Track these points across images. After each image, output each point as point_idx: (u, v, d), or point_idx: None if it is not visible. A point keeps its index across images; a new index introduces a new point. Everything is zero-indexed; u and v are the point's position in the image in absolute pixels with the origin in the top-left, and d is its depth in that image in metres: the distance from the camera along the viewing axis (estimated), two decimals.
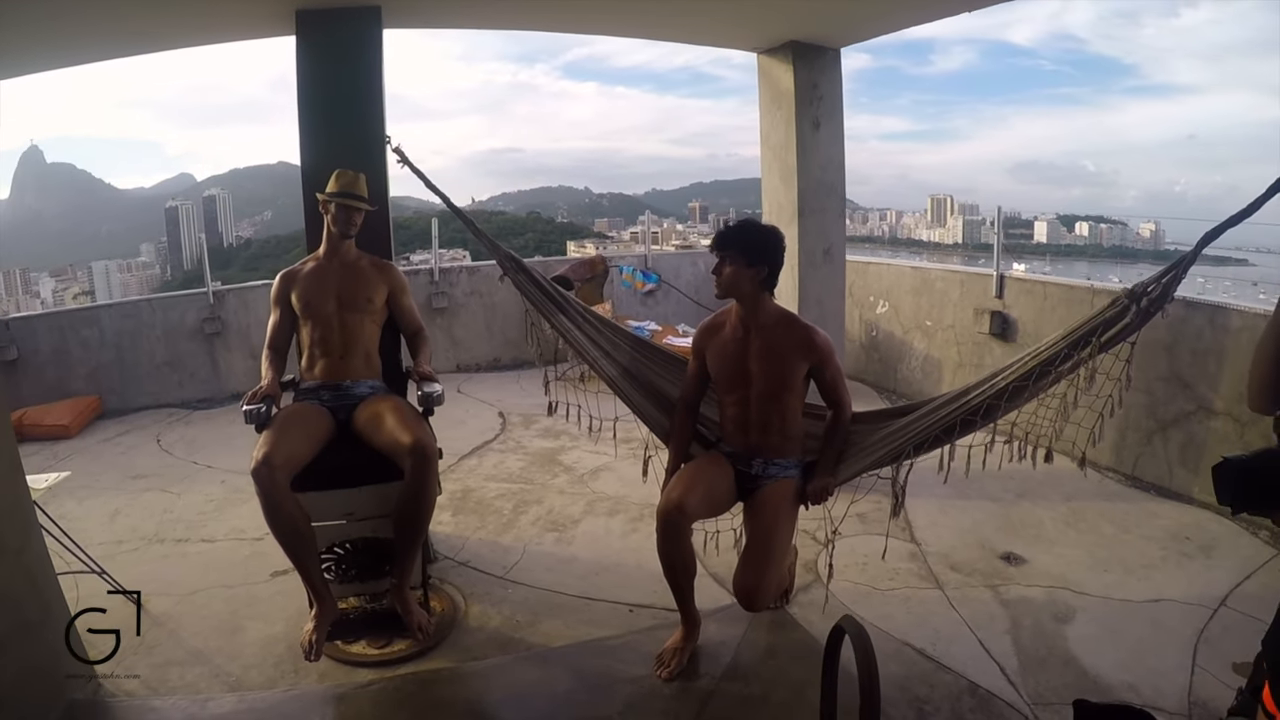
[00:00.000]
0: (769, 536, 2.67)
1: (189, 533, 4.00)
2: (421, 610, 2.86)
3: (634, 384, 3.18)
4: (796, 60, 4.33)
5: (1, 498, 2.43)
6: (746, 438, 2.87)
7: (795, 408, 2.88)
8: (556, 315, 3.16)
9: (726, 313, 2.92)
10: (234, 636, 3.02)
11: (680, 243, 42.31)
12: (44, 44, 3.71)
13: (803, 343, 2.77)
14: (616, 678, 2.71)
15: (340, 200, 3.02)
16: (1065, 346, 2.57)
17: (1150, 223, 73.34)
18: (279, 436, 2.64)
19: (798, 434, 2.92)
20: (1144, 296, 2.45)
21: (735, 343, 2.83)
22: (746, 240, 2.75)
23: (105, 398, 6.31)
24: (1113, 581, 3.38)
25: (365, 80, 3.49)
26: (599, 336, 3.19)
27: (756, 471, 2.86)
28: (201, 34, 4.14)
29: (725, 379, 2.87)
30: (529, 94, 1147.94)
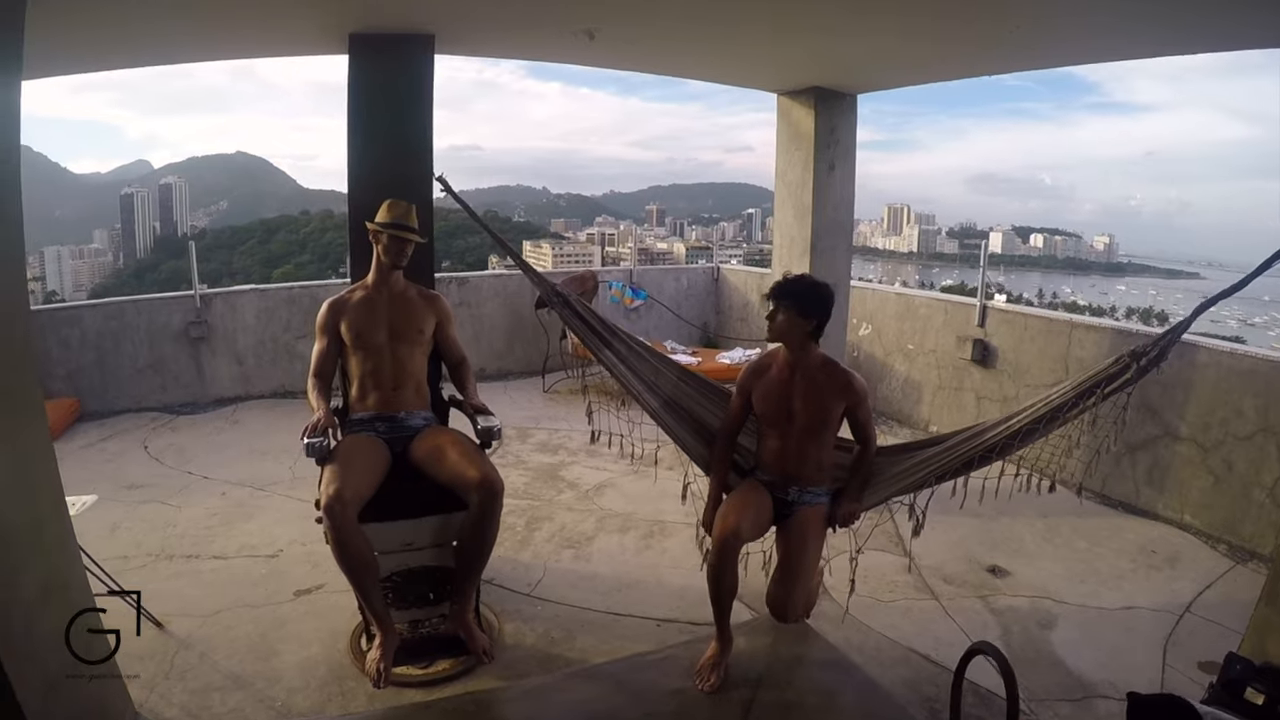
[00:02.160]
0: (801, 555, 2.93)
1: (197, 549, 3.96)
2: (483, 633, 2.96)
3: (676, 415, 3.36)
4: (818, 104, 4.50)
5: (50, 530, 2.41)
6: (784, 467, 3.09)
7: (830, 443, 3.12)
8: (603, 350, 3.31)
9: (773, 355, 3.12)
10: (270, 660, 3.02)
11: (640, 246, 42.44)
12: (101, 47, 3.72)
13: (843, 387, 3.00)
14: (661, 690, 2.85)
15: (394, 231, 3.04)
16: (1074, 396, 2.91)
17: (1105, 236, 75.42)
18: (345, 471, 2.68)
19: (830, 465, 3.16)
20: (1144, 357, 2.83)
21: (781, 384, 3.04)
22: (803, 294, 2.96)
23: (84, 399, 6.19)
24: (1088, 591, 3.69)
25: (416, 107, 3.53)
26: (643, 366, 3.36)
27: (792, 499, 3.08)
28: (254, 48, 4.16)
29: (770, 415, 3.09)
30: (492, 92, 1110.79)
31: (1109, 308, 43.17)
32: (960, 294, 7.32)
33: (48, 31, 2.72)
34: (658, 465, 3.57)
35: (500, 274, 7.84)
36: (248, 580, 3.65)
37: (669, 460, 5.17)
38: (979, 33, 3.36)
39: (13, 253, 2.35)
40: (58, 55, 3.50)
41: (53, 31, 2.80)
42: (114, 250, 66.86)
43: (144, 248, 66.57)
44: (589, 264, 12.25)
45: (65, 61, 3.81)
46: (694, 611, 3.41)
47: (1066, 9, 3.03)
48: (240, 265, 44.70)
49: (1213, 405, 4.36)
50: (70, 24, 2.95)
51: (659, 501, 4.58)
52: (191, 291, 6.62)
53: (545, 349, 7.23)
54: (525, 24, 3.61)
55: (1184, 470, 4.46)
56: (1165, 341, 2.84)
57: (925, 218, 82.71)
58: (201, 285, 6.75)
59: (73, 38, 3.22)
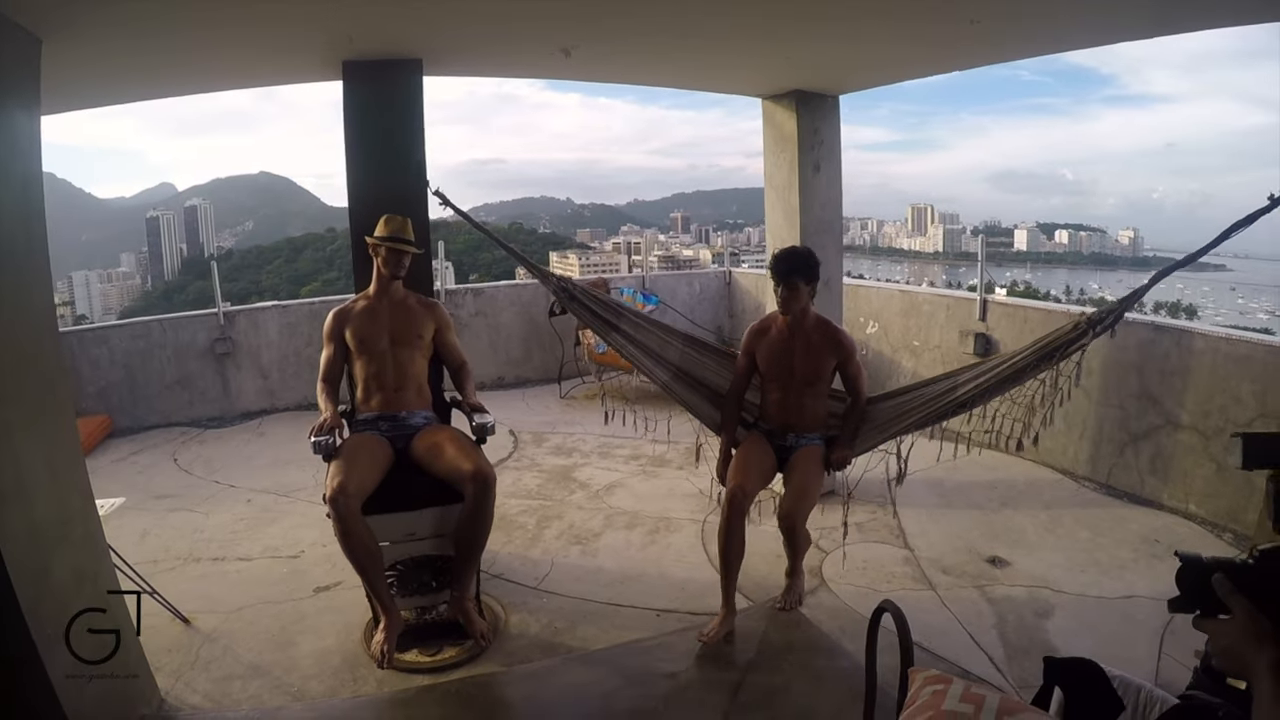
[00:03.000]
0: (803, 481, 3.33)
1: (224, 551, 4.13)
2: (481, 619, 3.16)
3: (685, 383, 3.75)
4: (800, 107, 4.57)
5: (77, 526, 2.59)
6: (785, 418, 3.52)
7: (825, 394, 3.57)
8: (611, 333, 3.69)
9: (771, 318, 3.57)
10: (288, 650, 3.19)
11: (662, 253, 42.51)
12: (110, 83, 3.88)
13: (835, 342, 3.47)
14: (655, 674, 2.98)
15: (390, 244, 3.27)
16: (1035, 358, 3.28)
17: (1129, 229, 74.28)
18: (349, 466, 2.89)
19: (824, 414, 3.59)
20: (1099, 323, 3.22)
21: (782, 343, 3.49)
22: (807, 266, 3.38)
23: (115, 416, 6.40)
24: (1088, 581, 3.70)
25: (408, 127, 3.69)
26: (650, 339, 3.74)
27: (791, 444, 3.50)
28: (253, 78, 4.32)
29: (773, 372, 3.52)
30: (511, 105, 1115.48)
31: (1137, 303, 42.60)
32: (1008, 294, 7.37)
33: (59, 70, 2.91)
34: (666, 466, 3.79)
35: (516, 283, 7.97)
36: (270, 579, 3.81)
37: (678, 461, 5.34)
38: (940, 29, 3.44)
39: (40, 277, 2.57)
40: (69, 92, 3.66)
41: (63, 70, 2.99)
42: (141, 273, 68.05)
43: (171, 270, 67.60)
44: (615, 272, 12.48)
45: (77, 98, 3.96)
46: (694, 602, 3.54)
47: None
48: (268, 284, 45.23)
49: (1211, 392, 4.36)
50: (80, 62, 3.12)
51: (666, 500, 4.74)
52: (215, 309, 6.81)
53: (561, 356, 7.38)
54: (504, 46, 3.77)
55: (1186, 459, 4.44)
56: (1120, 309, 3.19)
57: (949, 217, 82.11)
58: (225, 303, 6.93)
59: (83, 74, 3.39)
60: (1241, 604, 1.10)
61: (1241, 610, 1.10)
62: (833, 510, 4.46)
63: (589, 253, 59.49)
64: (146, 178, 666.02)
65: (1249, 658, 1.07)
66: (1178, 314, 38.06)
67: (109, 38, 3.02)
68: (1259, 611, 1.09)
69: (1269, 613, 1.08)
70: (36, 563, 2.32)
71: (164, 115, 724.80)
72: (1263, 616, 1.08)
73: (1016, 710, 1.17)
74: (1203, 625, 1.16)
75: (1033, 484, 5.01)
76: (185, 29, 3.10)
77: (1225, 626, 1.12)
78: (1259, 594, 1.10)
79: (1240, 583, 1.11)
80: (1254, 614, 1.09)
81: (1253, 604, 1.10)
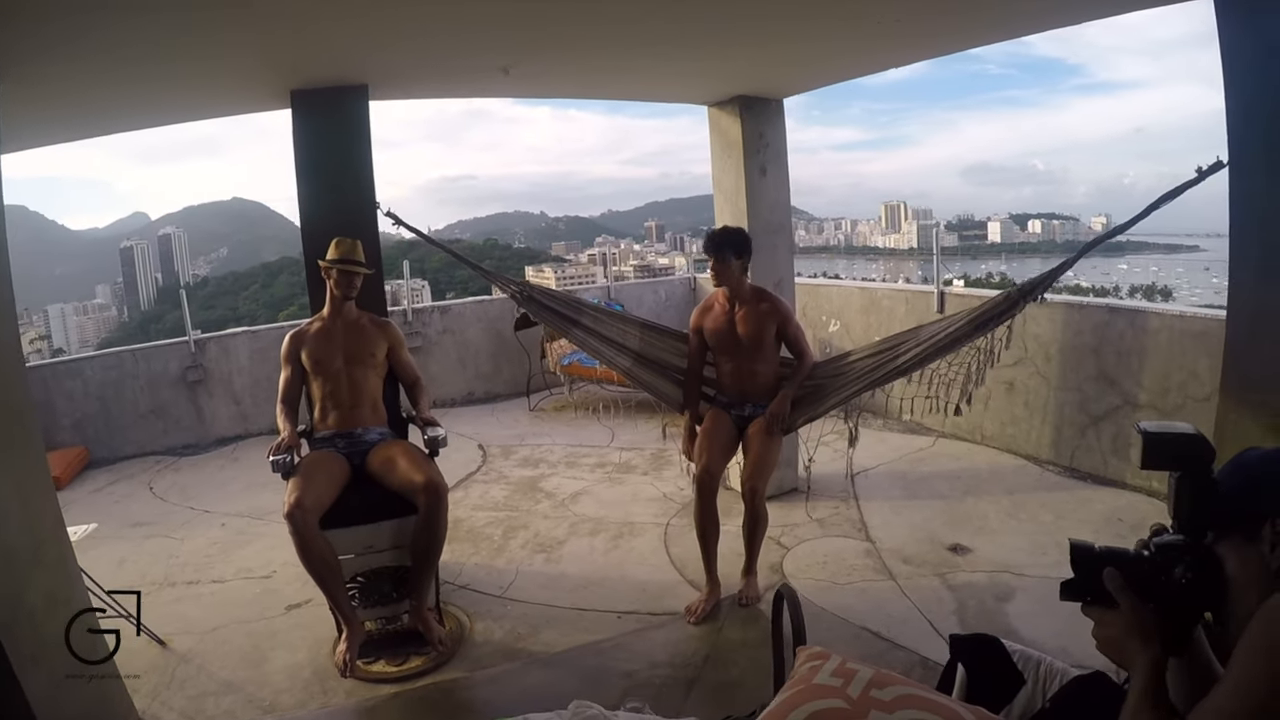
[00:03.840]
0: (762, 450, 3.57)
1: (198, 575, 4.17)
2: (439, 626, 3.26)
3: (646, 367, 4.01)
4: (744, 112, 4.66)
5: (49, 549, 2.65)
6: (740, 386, 3.78)
7: (772, 359, 3.81)
8: (572, 330, 3.92)
9: (714, 296, 3.81)
10: (260, 667, 3.25)
11: (638, 263, 42.53)
12: (50, 122, 3.92)
13: (770, 308, 3.71)
14: (613, 673, 3.06)
15: (341, 266, 3.35)
16: (970, 327, 3.51)
17: (1101, 216, 74.95)
18: (306, 483, 2.98)
19: (776, 381, 3.82)
20: (1029, 292, 3.40)
21: (725, 316, 3.74)
22: (736, 241, 3.65)
23: (91, 448, 6.41)
24: (1050, 563, 3.74)
25: (356, 151, 3.78)
26: (610, 330, 3.98)
27: (748, 413, 3.75)
28: (202, 110, 4.38)
29: (721, 345, 3.78)
30: (482, 120, 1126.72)
31: (1112, 287, 42.91)
32: (965, 285, 7.46)
33: (13, 110, 2.98)
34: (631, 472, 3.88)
35: (482, 299, 8.03)
36: (243, 599, 3.86)
37: (643, 466, 5.44)
38: (866, 29, 3.52)
39: (4, 309, 2.63)
40: (24, 132, 3.73)
41: (17, 109, 3.06)
42: (117, 304, 67.68)
43: (147, 299, 67.25)
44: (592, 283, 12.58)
45: (33, 137, 4.04)
46: (654, 603, 3.61)
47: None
48: (246, 310, 45.02)
49: (1168, 370, 4.45)
50: (33, 100, 3.20)
51: (630, 505, 4.81)
52: (186, 338, 6.84)
53: (529, 369, 7.47)
54: (445, 69, 3.86)
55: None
56: (1047, 278, 3.40)
57: (922, 212, 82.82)
58: (196, 331, 6.96)
59: (38, 114, 3.46)
60: (1129, 600, 1.15)
61: (1128, 606, 1.14)
62: (795, 507, 4.57)
63: (565, 265, 59.66)
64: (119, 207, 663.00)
65: (1130, 651, 1.13)
66: (1153, 296, 38.40)
67: (62, 77, 3.10)
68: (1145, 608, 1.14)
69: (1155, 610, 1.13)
70: (10, 587, 2.38)
71: (133, 144, 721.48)
72: (1148, 613, 1.13)
73: (887, 682, 1.24)
74: (1090, 613, 1.20)
75: (996, 471, 5.11)
76: (134, 66, 3.18)
77: (1111, 618, 1.16)
78: (1147, 591, 1.15)
79: (1130, 577, 1.16)
80: (1139, 610, 1.14)
81: (1139, 600, 1.14)
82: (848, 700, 1.22)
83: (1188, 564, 1.13)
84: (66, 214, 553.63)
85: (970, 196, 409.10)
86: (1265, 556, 1.05)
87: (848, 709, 1.20)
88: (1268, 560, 1.04)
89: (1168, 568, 1.15)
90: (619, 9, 3.01)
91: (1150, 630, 1.12)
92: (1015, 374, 5.29)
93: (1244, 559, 1.08)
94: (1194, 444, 1.17)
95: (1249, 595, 1.05)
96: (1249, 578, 1.06)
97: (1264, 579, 1.04)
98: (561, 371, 6.97)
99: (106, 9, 2.52)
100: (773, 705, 1.28)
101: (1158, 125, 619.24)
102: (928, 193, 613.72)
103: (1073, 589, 1.23)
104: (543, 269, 51.55)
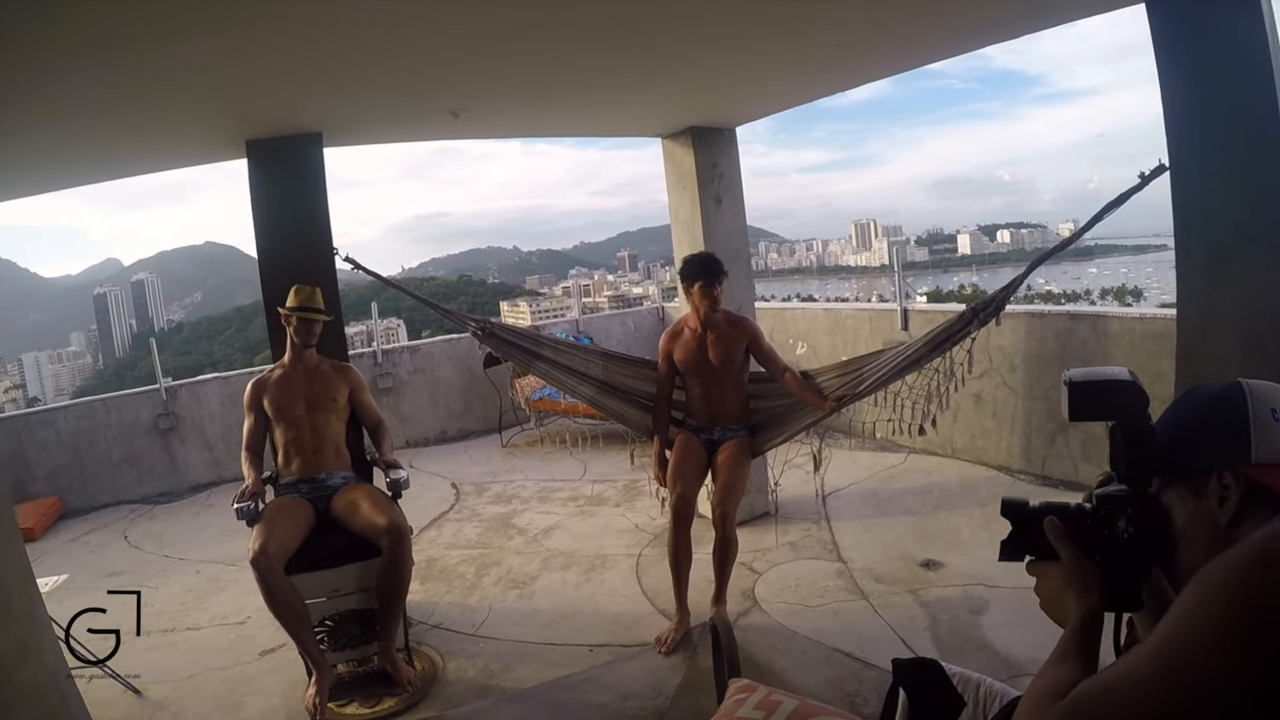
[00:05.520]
0: (732, 474, 3.62)
1: (173, 623, 4.15)
2: (409, 666, 3.27)
3: (611, 394, 4.08)
4: (697, 143, 4.71)
5: (18, 602, 2.62)
6: (709, 411, 3.83)
7: (743, 381, 3.86)
8: (535, 363, 4.00)
9: (683, 320, 3.89)
10: (236, 713, 3.23)
11: (612, 293, 42.62)
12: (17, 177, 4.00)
13: (740, 328, 3.79)
14: (585, 705, 3.07)
15: (300, 314, 3.39)
16: (927, 349, 3.55)
17: (1069, 221, 75.95)
18: (270, 528, 3.00)
19: (744, 405, 3.91)
20: (981, 312, 3.45)
21: (696, 339, 3.79)
22: (720, 268, 3.70)
23: (66, 498, 6.36)
24: (1023, 573, 3.73)
25: (312, 197, 3.82)
26: (573, 361, 4.05)
27: (718, 437, 3.81)
28: (158, 162, 4.41)
29: (691, 368, 3.81)
30: (452, 158, 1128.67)
31: (1083, 292, 43.36)
32: (936, 300, 7.55)
33: None
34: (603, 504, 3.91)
35: (450, 338, 8.05)
36: (218, 646, 3.84)
37: (615, 499, 5.46)
38: (810, 53, 3.59)
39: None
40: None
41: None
42: (92, 351, 67.24)
43: (122, 346, 66.83)
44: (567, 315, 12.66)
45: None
46: (625, 634, 3.62)
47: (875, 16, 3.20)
48: (221, 355, 44.75)
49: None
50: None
51: (602, 537, 4.82)
52: (157, 385, 6.83)
53: (500, 405, 7.50)
54: (396, 113, 3.91)
55: None
56: (999, 298, 3.42)
57: (892, 229, 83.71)
58: (167, 378, 6.94)
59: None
60: (1069, 550, 1.09)
61: (1069, 557, 1.09)
62: (766, 531, 4.60)
63: (539, 299, 59.79)
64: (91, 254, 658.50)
65: (1067, 605, 1.08)
66: (1123, 297, 38.79)
67: (18, 131, 3.13)
68: (1087, 561, 1.08)
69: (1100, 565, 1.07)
70: None
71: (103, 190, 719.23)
72: (1090, 565, 1.08)
73: (813, 713, 1.27)
74: (1033, 569, 1.15)
75: (967, 484, 5.16)
76: (88, 120, 3.22)
77: (1051, 570, 1.11)
78: (1091, 546, 1.09)
79: (1072, 531, 1.10)
80: (1080, 560, 1.08)
81: (1081, 553, 1.09)
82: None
83: (1130, 517, 1.07)
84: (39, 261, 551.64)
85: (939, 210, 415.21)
86: (1214, 512, 0.99)
87: None
88: (1215, 516, 0.99)
89: (1111, 520, 1.08)
90: (565, 39, 3.05)
91: (1090, 581, 1.06)
92: (982, 386, 5.34)
93: (1191, 511, 1.03)
94: (1124, 391, 1.09)
95: (1198, 550, 1.00)
96: (1197, 532, 1.02)
97: (1214, 535, 0.98)
98: (530, 407, 7.02)
99: (56, 65, 2.55)
100: None
101: (1119, 130, 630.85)
102: (897, 209, 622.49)
103: (1012, 547, 1.17)
104: (517, 303, 51.71)
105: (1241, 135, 2.65)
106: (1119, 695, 0.84)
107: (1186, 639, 0.82)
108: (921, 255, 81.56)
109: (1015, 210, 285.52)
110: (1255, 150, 2.62)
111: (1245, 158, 2.64)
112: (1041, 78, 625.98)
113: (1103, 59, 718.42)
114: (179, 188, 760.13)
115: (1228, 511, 0.98)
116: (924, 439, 5.40)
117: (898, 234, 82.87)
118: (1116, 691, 0.85)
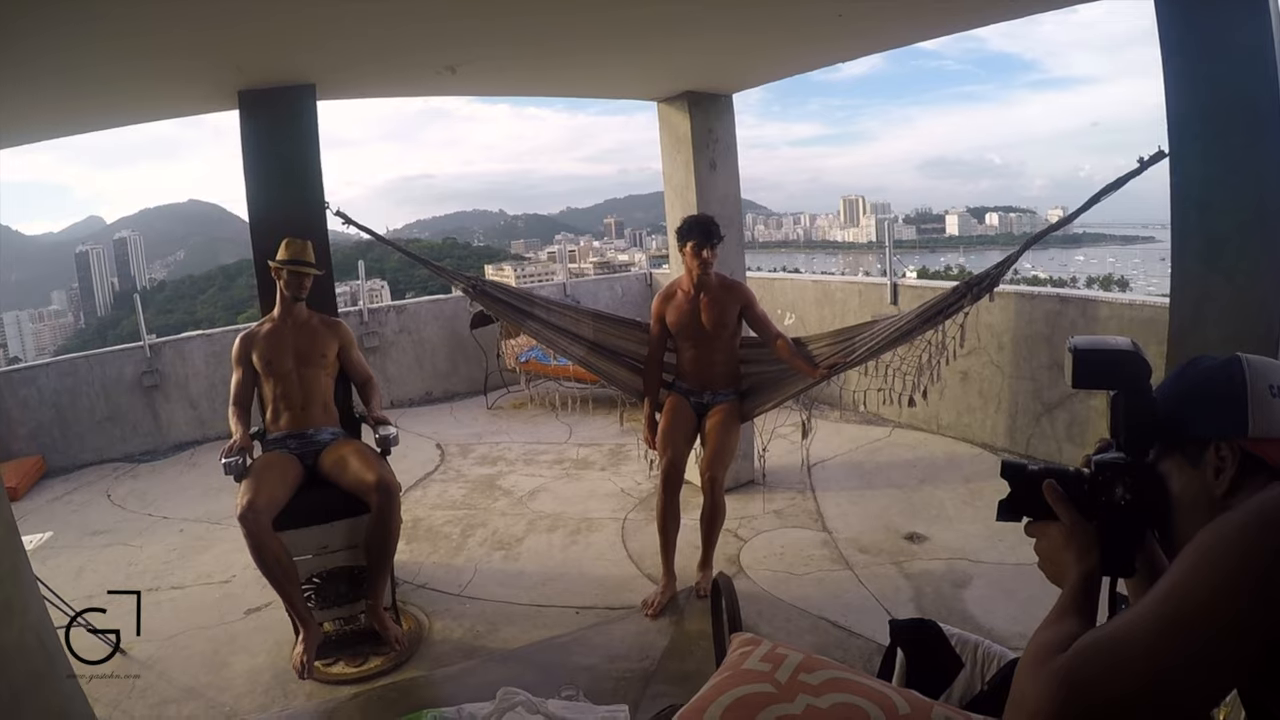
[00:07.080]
0: (721, 439, 3.64)
1: (157, 582, 4.13)
2: (396, 625, 3.27)
3: (602, 355, 4.08)
4: (693, 108, 4.67)
5: (3, 560, 2.58)
6: (700, 374, 3.84)
7: (734, 345, 3.88)
8: (527, 321, 3.98)
9: (676, 283, 3.87)
10: (221, 672, 3.24)
11: (597, 259, 42.52)
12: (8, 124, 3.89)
13: (734, 293, 3.79)
14: (572, 667, 3.08)
15: (291, 267, 3.35)
16: (920, 321, 3.54)
17: (1058, 208, 76.54)
18: (258, 484, 2.97)
19: (735, 369, 3.92)
20: (976, 287, 3.42)
21: (689, 302, 3.77)
22: (717, 228, 3.69)
23: (48, 456, 6.31)
24: (1006, 548, 3.80)
25: (304, 150, 3.76)
26: (564, 320, 4.05)
27: (708, 401, 3.82)
28: (149, 112, 4.33)
29: (683, 330, 3.80)
30: (440, 119, 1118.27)
31: (1069, 279, 43.56)
32: (924, 277, 7.58)
33: None
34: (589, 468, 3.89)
35: (438, 298, 8.01)
36: (203, 605, 3.84)
37: (601, 462, 5.47)
38: (811, 21, 3.55)
39: None
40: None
41: None
42: (74, 310, 66.59)
43: (104, 305, 66.17)
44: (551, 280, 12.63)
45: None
46: (611, 597, 3.64)
47: None
48: (204, 314, 44.46)
49: None
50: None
51: (588, 501, 4.84)
52: (141, 342, 6.76)
53: (486, 367, 7.49)
54: (392, 66, 3.84)
55: (1100, 422, 4.55)
56: (994, 274, 3.41)
57: (881, 207, 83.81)
58: (151, 335, 6.86)
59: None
60: (1068, 511, 1.11)
61: (1068, 517, 1.10)
62: (752, 499, 4.62)
63: (524, 263, 59.56)
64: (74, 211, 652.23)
65: (1065, 564, 1.09)
66: (1109, 286, 39.07)
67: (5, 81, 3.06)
68: (1086, 523, 1.09)
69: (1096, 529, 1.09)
70: None
71: (86, 146, 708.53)
72: (1089, 526, 1.09)
73: (816, 666, 1.27)
74: (1031, 530, 1.17)
75: (952, 460, 5.20)
76: (80, 68, 3.14)
77: (1051, 531, 1.13)
78: (1088, 510, 1.10)
79: (1069, 492, 1.12)
80: (1079, 522, 1.10)
81: (1080, 513, 1.10)
82: (775, 684, 1.25)
83: (1127, 484, 1.09)
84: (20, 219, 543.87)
85: (928, 190, 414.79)
86: (1210, 483, 1.01)
87: (774, 693, 1.23)
88: (1211, 487, 1.01)
89: (1108, 487, 1.10)
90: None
91: (1089, 543, 1.08)
92: (969, 364, 5.37)
93: (1187, 480, 1.04)
94: (1128, 361, 1.10)
95: (1193, 519, 1.01)
96: (1193, 501, 1.04)
97: (1209, 505, 1.00)
98: (519, 368, 7.01)
99: (44, 11, 2.49)
100: (701, 691, 1.31)
101: (1113, 119, 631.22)
102: (886, 187, 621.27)
103: (1010, 507, 1.18)
104: (502, 267, 51.60)
105: (1243, 126, 2.65)
106: (1120, 649, 0.85)
107: (1188, 597, 0.84)
108: (909, 234, 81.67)
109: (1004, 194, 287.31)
110: (1255, 142, 2.63)
111: (1245, 149, 2.65)
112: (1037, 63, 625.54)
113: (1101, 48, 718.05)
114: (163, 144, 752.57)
115: (1224, 482, 0.99)
116: (910, 413, 5.50)
117: (886, 211, 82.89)
118: (1117, 645, 0.86)
